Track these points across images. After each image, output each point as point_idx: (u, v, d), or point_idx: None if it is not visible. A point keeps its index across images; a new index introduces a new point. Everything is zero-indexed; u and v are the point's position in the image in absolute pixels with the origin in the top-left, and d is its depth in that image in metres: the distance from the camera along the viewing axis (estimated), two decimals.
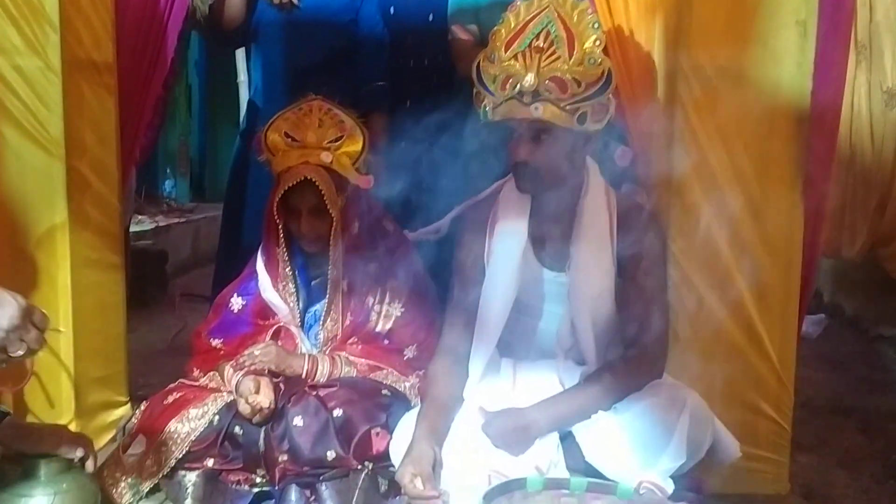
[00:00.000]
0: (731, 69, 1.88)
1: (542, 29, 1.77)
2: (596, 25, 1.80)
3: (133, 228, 3.93)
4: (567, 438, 1.83)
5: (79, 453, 1.66)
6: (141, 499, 1.67)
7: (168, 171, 6.59)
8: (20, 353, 1.29)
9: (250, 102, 2.80)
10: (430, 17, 2.60)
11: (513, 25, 1.80)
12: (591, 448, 1.79)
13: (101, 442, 2.14)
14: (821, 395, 2.80)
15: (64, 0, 1.97)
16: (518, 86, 1.75)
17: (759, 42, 1.84)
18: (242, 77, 6.61)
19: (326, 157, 1.98)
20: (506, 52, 1.79)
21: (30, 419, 2.04)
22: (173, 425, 1.91)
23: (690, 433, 1.74)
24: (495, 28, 1.84)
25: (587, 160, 1.94)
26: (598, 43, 1.77)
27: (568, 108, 1.75)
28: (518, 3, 1.83)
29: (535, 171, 1.81)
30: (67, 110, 2.00)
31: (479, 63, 1.83)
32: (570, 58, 1.75)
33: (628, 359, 1.87)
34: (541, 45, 1.76)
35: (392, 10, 2.64)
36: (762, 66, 1.88)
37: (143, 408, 2.04)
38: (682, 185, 1.94)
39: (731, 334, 1.96)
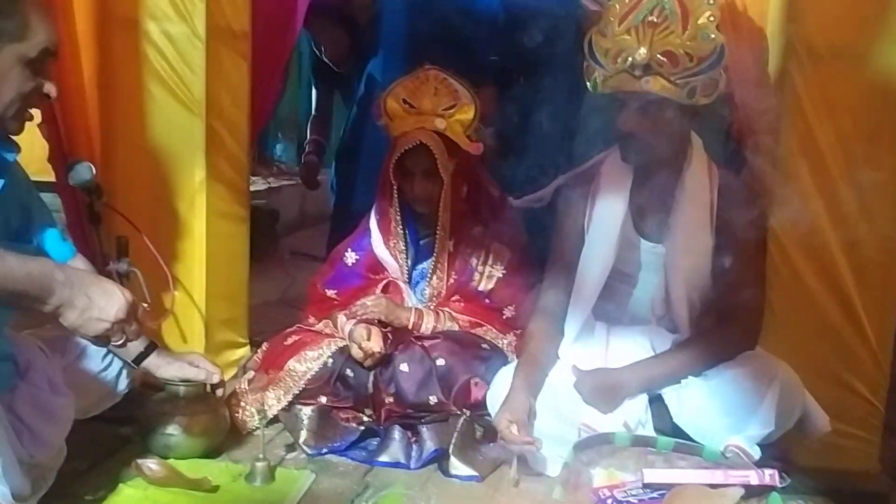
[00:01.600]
0: (843, 47, 1.88)
1: (657, 5, 1.82)
2: (711, 2, 1.83)
3: None
4: (656, 400, 1.91)
5: (215, 378, 1.87)
6: (265, 426, 1.85)
7: (279, 135, 6.88)
8: (118, 342, 1.38)
9: (368, 75, 2.94)
10: None
11: (626, 1, 1.86)
12: (679, 410, 1.87)
13: (225, 378, 2.35)
14: None
15: None
16: (630, 59, 1.80)
17: (873, 21, 1.83)
18: None
19: (440, 124, 2.11)
20: (619, 27, 1.84)
21: None
22: (292, 364, 2.10)
23: (780, 403, 1.79)
24: (609, 3, 1.90)
25: (691, 134, 1.99)
26: (711, 18, 1.81)
27: (678, 81, 1.80)
28: None
29: (642, 142, 1.87)
30: (208, 74, 2.18)
31: (591, 37, 1.89)
32: (684, 32, 1.79)
33: (722, 329, 1.93)
34: (654, 20, 1.81)
35: None
36: (876, 45, 1.87)
37: (264, 347, 2.25)
38: (787, 162, 1.96)
39: (828, 311, 1.98)
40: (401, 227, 2.24)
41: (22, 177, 1.67)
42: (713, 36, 1.81)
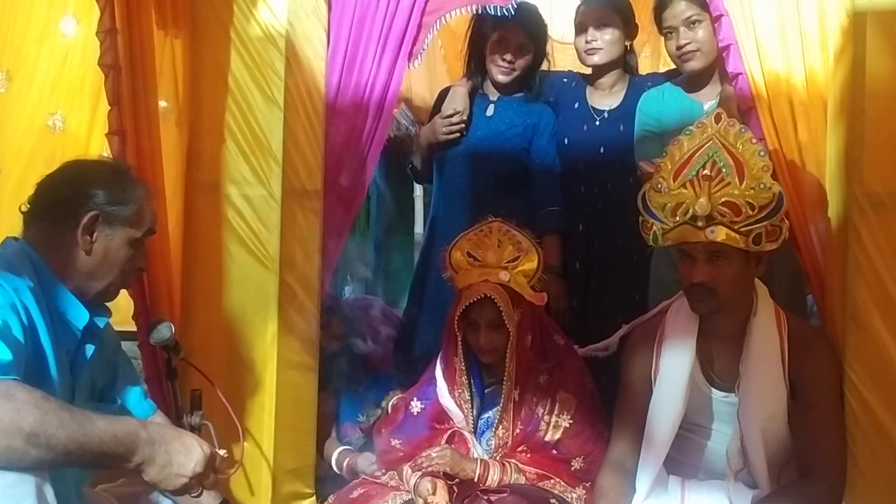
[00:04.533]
0: None
1: (708, 159, 1.88)
2: (763, 153, 1.89)
3: None
4: None
5: None
6: None
7: (348, 278, 7.07)
8: (195, 495, 1.43)
9: (431, 223, 3.05)
10: (602, 150, 2.77)
11: (677, 158, 1.92)
12: None
13: None
14: None
15: (286, 138, 2.30)
16: (690, 211, 1.84)
17: None
18: (418, 192, 7.09)
19: (504, 276, 2.15)
20: (674, 182, 1.90)
21: None
22: None
23: None
24: (659, 161, 1.96)
25: (756, 282, 1.99)
26: (766, 169, 1.86)
27: (742, 230, 1.83)
28: (680, 137, 1.96)
29: (711, 291, 1.87)
30: (283, 231, 2.30)
31: (644, 194, 1.95)
32: (741, 183, 1.84)
33: (805, 484, 1.86)
34: (708, 173, 1.86)
35: (566, 140, 2.83)
36: None
37: (331, 500, 2.24)
38: (857, 310, 1.92)
39: None
40: (466, 376, 2.24)
41: (111, 338, 1.77)
42: (770, 185, 1.85)
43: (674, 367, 1.97)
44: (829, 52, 2.08)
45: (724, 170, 1.86)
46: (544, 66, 2.93)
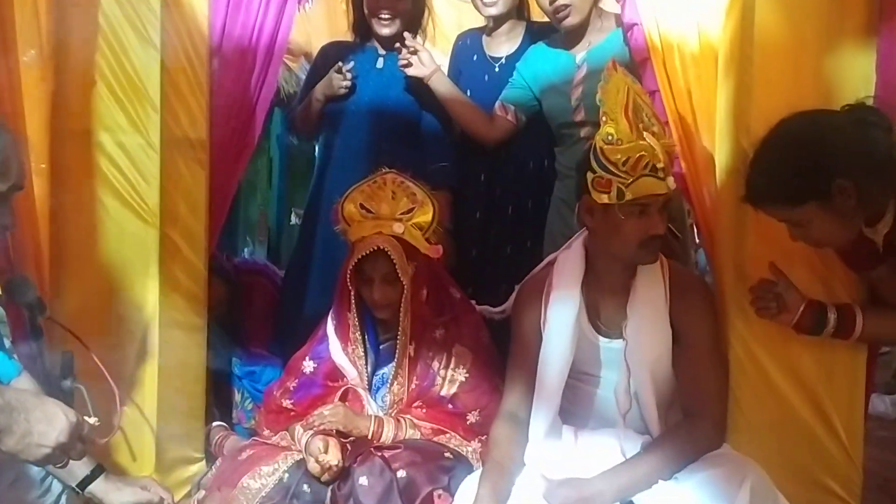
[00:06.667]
0: None
1: (640, 110, 1.84)
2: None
3: None
4: None
5: (166, 502, 1.78)
6: None
7: (248, 239, 6.86)
8: (60, 466, 1.36)
9: (317, 178, 2.91)
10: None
11: (615, 109, 1.82)
12: None
13: (177, 496, 2.23)
14: None
15: (165, 82, 2.16)
16: (652, 162, 1.79)
17: None
18: None
19: (398, 228, 2.09)
20: (632, 133, 1.80)
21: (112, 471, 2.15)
22: (246, 481, 2.00)
23: None
24: (603, 115, 1.84)
25: None
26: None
27: (670, 177, 1.85)
28: (604, 85, 1.87)
29: (664, 242, 1.89)
30: (163, 183, 2.17)
31: (598, 149, 1.82)
32: (665, 132, 1.88)
33: (688, 427, 1.90)
34: (644, 121, 1.84)
35: (468, 92, 2.78)
36: None
37: (218, 463, 2.15)
38: (744, 261, 1.95)
39: (797, 410, 1.94)
40: (359, 332, 2.18)
41: None
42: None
43: (561, 316, 1.96)
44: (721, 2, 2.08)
45: (649, 119, 1.85)
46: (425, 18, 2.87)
